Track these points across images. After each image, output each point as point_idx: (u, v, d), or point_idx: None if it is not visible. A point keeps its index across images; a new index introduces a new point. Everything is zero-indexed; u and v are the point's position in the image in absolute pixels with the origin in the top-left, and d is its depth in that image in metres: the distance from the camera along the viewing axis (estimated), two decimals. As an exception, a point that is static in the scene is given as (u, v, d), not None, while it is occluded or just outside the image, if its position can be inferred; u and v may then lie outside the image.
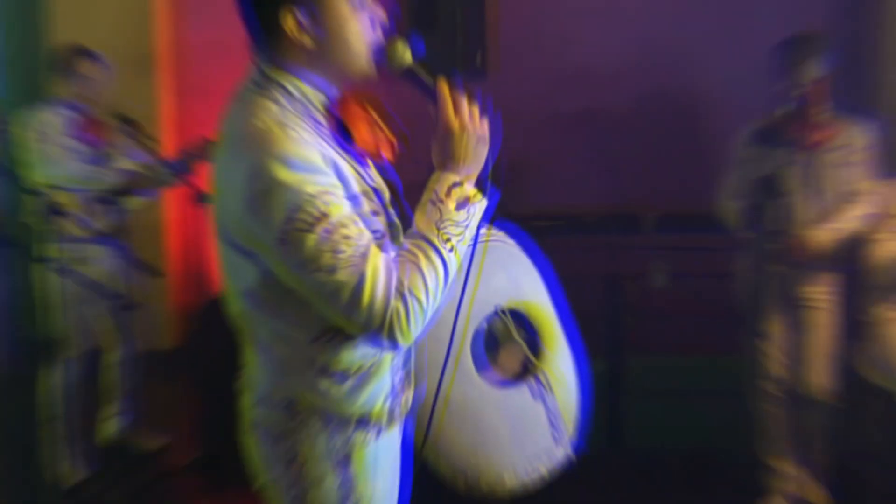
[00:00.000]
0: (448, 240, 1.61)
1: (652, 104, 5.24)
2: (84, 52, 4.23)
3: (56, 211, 3.30)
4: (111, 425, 4.55)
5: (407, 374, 1.87)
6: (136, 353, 4.39)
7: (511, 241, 2.27)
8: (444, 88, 1.67)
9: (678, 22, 5.17)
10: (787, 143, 3.57)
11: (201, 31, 5.70)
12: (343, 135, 1.71)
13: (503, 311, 2.24)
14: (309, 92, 1.69)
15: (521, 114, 5.32)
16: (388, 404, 1.80)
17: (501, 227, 2.23)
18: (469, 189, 1.65)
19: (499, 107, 4.96)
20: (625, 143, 5.24)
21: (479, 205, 1.67)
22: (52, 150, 4.04)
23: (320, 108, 1.70)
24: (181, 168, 4.22)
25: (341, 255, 1.52)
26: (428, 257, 1.59)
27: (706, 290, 4.10)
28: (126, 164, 4.21)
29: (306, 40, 1.65)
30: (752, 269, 3.67)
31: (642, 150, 5.22)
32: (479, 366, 2.19)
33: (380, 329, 1.55)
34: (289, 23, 1.64)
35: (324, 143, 1.62)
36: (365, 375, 1.75)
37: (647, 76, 5.22)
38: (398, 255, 1.60)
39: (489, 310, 2.21)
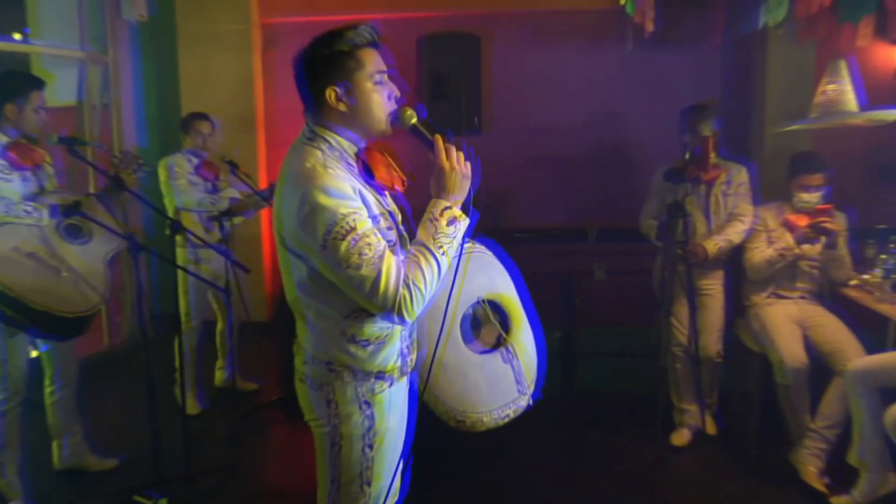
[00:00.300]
0: (441, 247, 1.65)
1: (597, 150, 5.24)
2: (200, 116, 4.23)
3: (178, 227, 3.29)
4: (221, 374, 4.58)
5: (412, 342, 1.88)
6: (237, 324, 4.39)
7: (489, 252, 2.26)
8: (439, 141, 1.70)
9: (618, 94, 5.17)
10: (689, 179, 3.53)
11: (287, 99, 5.63)
12: (368, 173, 1.75)
13: (483, 301, 2.23)
14: (344, 143, 1.73)
15: (506, 158, 5.33)
16: (398, 363, 1.82)
17: (482, 242, 2.23)
18: (456, 211, 1.69)
19: (490, 154, 4.95)
20: (577, 178, 5.27)
21: (464, 222, 1.70)
22: (182, 185, 4.06)
23: (352, 154, 1.75)
24: (269, 196, 4.21)
25: (365, 257, 1.57)
26: (427, 259, 1.64)
27: (633, 282, 4.09)
28: (232, 193, 4.21)
29: (342, 107, 1.71)
30: (664, 268, 3.63)
31: (589, 183, 5.24)
32: (466, 339, 2.18)
33: (392, 309, 1.60)
34: (331, 96, 1.69)
35: (353, 179, 1.67)
36: (382, 342, 1.78)
37: (594, 130, 5.22)
38: (406, 257, 1.64)
39: (473, 300, 2.19)
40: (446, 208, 1.67)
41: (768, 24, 4.05)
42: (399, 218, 1.82)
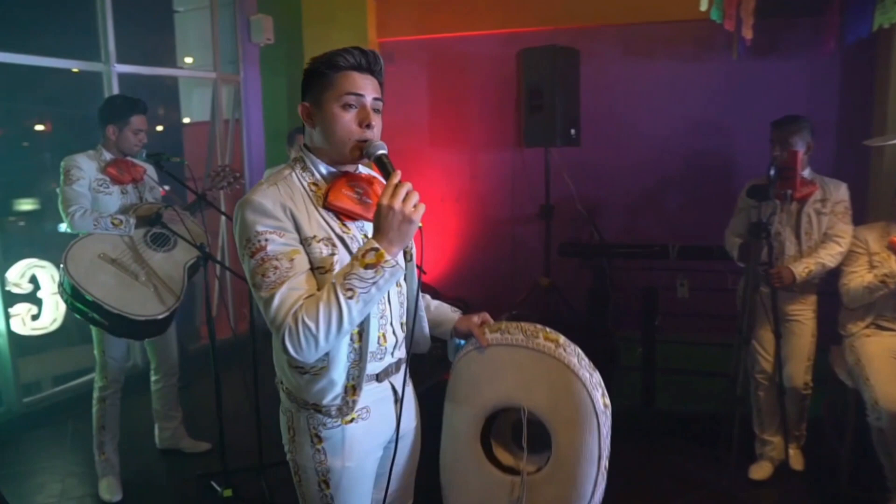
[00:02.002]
0: (350, 290, 1.38)
1: (690, 164, 4.72)
2: (301, 130, 4.20)
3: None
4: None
5: (354, 388, 1.56)
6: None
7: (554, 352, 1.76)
8: (393, 178, 1.41)
9: (717, 106, 4.61)
10: (776, 196, 3.01)
11: (396, 115, 5.59)
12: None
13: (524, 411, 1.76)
14: (320, 167, 1.55)
15: (600, 170, 4.93)
16: (336, 402, 1.56)
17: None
18: (385, 257, 1.38)
19: (585, 166, 4.60)
20: (667, 192, 4.78)
21: (390, 269, 1.39)
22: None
23: (322, 178, 1.54)
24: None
25: (266, 279, 1.42)
26: (328, 298, 1.39)
27: (717, 301, 3.59)
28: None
29: (310, 126, 1.55)
30: (745, 290, 3.13)
31: (678, 198, 4.74)
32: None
33: (280, 339, 1.40)
34: (302, 112, 1.56)
35: (297, 200, 1.48)
36: (314, 375, 1.54)
37: (689, 144, 4.70)
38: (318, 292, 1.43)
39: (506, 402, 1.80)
40: (372, 250, 1.39)
41: (883, 26, 3.39)
42: (356, 245, 1.54)
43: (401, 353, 1.68)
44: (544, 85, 4.57)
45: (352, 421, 1.59)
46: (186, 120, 5.54)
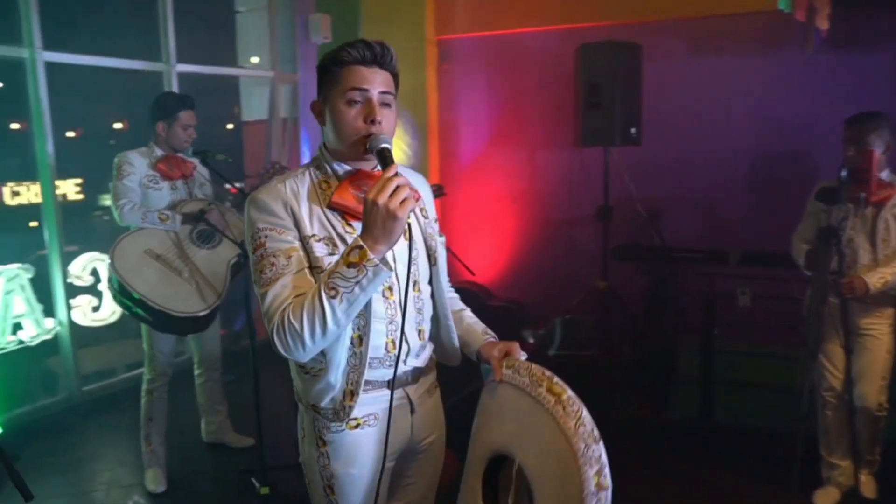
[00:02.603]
0: (333, 289, 1.33)
1: (757, 164, 4.44)
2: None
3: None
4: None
5: (351, 393, 1.51)
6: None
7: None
8: (386, 171, 1.34)
9: (788, 103, 4.33)
10: (849, 200, 2.79)
11: (454, 114, 5.62)
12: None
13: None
14: (330, 165, 1.53)
15: (660, 170, 4.72)
16: (332, 405, 1.52)
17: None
18: (368, 255, 1.31)
19: (646, 166, 4.39)
20: (727, 195, 4.51)
21: (373, 270, 1.32)
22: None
23: (336, 176, 1.52)
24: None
25: (263, 275, 1.42)
26: (312, 298, 1.35)
27: (779, 310, 3.35)
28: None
29: (322, 123, 1.53)
30: (812, 301, 2.91)
31: (743, 200, 4.46)
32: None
33: (270, 334, 1.40)
34: (314, 109, 1.55)
35: (303, 198, 1.47)
36: (314, 376, 1.51)
37: (755, 143, 4.43)
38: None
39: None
40: (357, 248, 1.32)
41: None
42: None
43: (418, 361, 1.61)
44: (603, 82, 4.40)
45: (357, 426, 1.54)
46: (246, 118, 5.64)
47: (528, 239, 5.41)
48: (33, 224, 4.08)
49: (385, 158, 1.40)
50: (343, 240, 1.46)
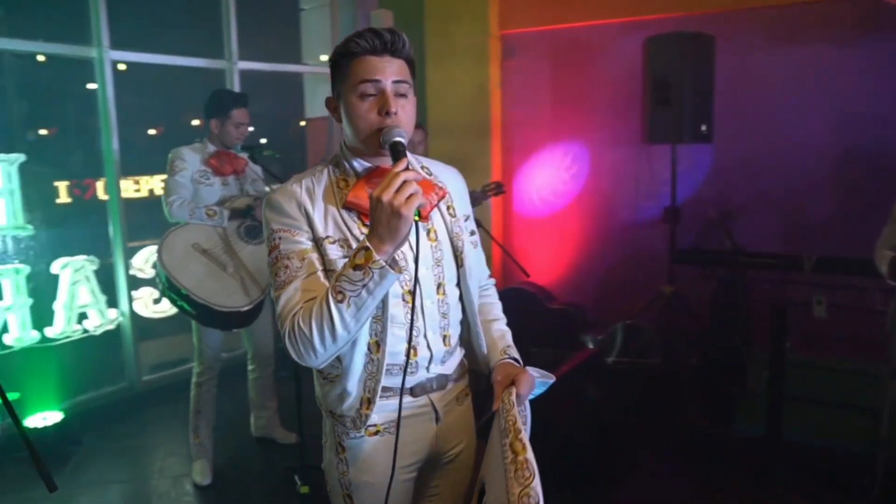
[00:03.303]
0: (340, 293, 1.27)
1: (835, 164, 4.11)
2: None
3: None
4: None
5: (368, 401, 1.44)
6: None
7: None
8: (395, 166, 1.27)
9: (874, 99, 3.98)
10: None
11: (517, 110, 5.50)
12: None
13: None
14: (349, 163, 1.47)
15: (733, 170, 4.46)
16: (349, 412, 1.46)
17: None
18: (374, 256, 1.24)
19: (717, 165, 4.13)
20: (805, 196, 4.19)
21: (378, 272, 1.24)
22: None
23: (354, 174, 1.46)
24: (473, 202, 3.98)
25: (278, 278, 1.38)
26: (321, 302, 1.30)
27: (857, 322, 3.08)
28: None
29: (337, 120, 1.47)
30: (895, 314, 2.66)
31: (818, 203, 4.13)
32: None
33: (283, 340, 1.35)
34: (328, 106, 1.49)
35: (318, 198, 1.43)
36: (331, 381, 1.47)
37: (835, 142, 4.09)
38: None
39: None
40: (364, 249, 1.25)
41: None
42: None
43: (444, 368, 1.54)
44: (672, 76, 4.19)
45: (376, 433, 1.48)
46: (309, 115, 5.70)
47: (590, 239, 5.23)
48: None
49: (397, 152, 1.33)
50: (359, 241, 1.39)
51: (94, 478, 3.37)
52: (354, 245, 1.38)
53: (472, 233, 1.62)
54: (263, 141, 5.83)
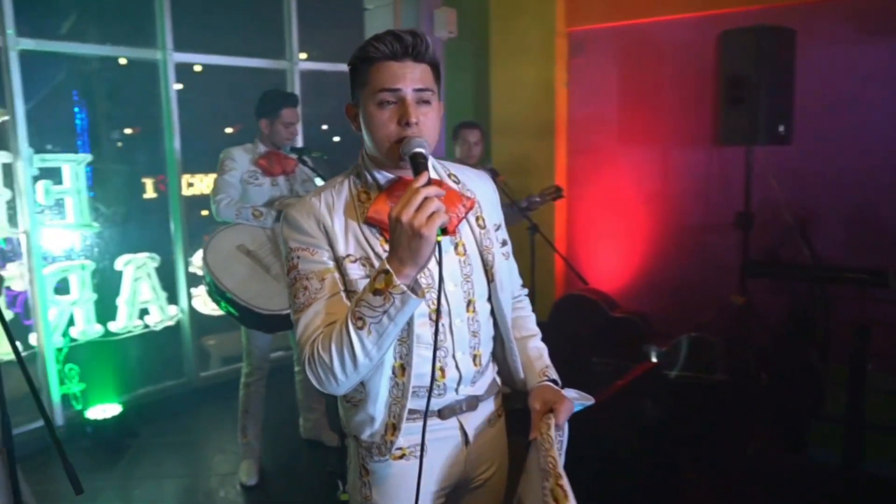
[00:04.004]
0: (359, 319, 1.18)
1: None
2: (468, 124, 4.02)
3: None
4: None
5: (394, 427, 1.36)
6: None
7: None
8: (415, 181, 1.17)
9: None
10: None
11: (584, 109, 5.32)
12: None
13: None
14: (371, 174, 1.39)
15: (813, 174, 4.13)
16: (374, 439, 1.38)
17: None
18: (393, 279, 1.15)
19: (796, 170, 3.87)
20: (887, 205, 3.82)
21: (400, 297, 1.15)
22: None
23: (377, 186, 1.38)
24: (528, 208, 3.84)
25: (297, 300, 1.31)
26: (341, 328, 1.22)
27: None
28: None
29: (356, 129, 1.37)
30: None
31: None
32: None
33: (303, 366, 1.27)
34: (348, 113, 1.40)
35: (338, 213, 1.34)
36: (354, 405, 1.39)
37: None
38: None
39: None
40: (384, 272, 1.16)
41: None
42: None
43: (474, 389, 1.45)
44: (747, 72, 3.92)
45: (402, 457, 1.39)
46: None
47: (657, 245, 4.98)
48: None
49: (417, 165, 1.23)
50: (381, 260, 1.30)
51: (147, 471, 3.43)
52: (377, 264, 1.29)
53: (504, 242, 1.52)
54: (337, 140, 5.85)
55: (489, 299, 1.45)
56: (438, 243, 1.17)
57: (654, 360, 4.23)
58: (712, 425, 3.57)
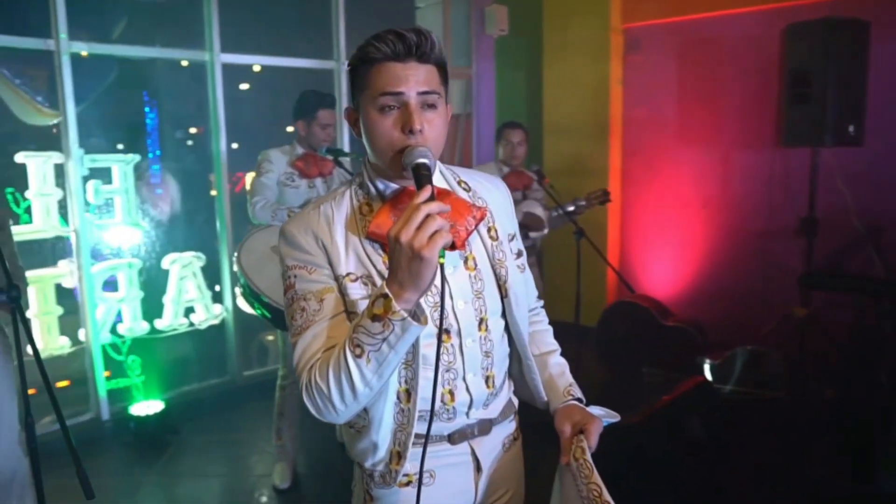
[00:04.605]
0: (358, 346, 1.09)
1: None
2: (512, 125, 3.88)
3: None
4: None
5: (399, 455, 1.27)
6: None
7: None
8: (417, 197, 1.07)
9: None
10: None
11: (640, 109, 5.12)
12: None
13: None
14: (374, 184, 1.29)
15: (886, 178, 3.84)
16: (378, 467, 1.29)
17: None
18: (392, 305, 1.05)
19: (868, 172, 3.63)
20: None
21: (400, 324, 1.06)
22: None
23: (380, 197, 1.28)
24: (575, 212, 3.70)
25: (294, 322, 1.21)
26: (339, 355, 1.12)
27: None
28: (532, 206, 3.79)
29: (357, 135, 1.27)
30: None
31: None
32: None
33: (301, 392, 1.17)
34: (348, 118, 1.29)
35: (338, 227, 1.24)
36: (357, 431, 1.29)
37: None
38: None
39: None
40: (383, 296, 1.06)
41: None
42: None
43: (487, 412, 1.35)
44: (814, 69, 3.67)
45: (408, 484, 1.30)
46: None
47: (715, 251, 4.74)
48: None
49: (420, 178, 1.12)
50: (384, 278, 1.20)
51: (186, 469, 3.45)
52: (380, 283, 1.19)
53: (520, 254, 1.40)
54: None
55: (503, 315, 1.34)
56: (441, 265, 1.06)
57: (707, 372, 4.02)
58: (769, 447, 3.35)
